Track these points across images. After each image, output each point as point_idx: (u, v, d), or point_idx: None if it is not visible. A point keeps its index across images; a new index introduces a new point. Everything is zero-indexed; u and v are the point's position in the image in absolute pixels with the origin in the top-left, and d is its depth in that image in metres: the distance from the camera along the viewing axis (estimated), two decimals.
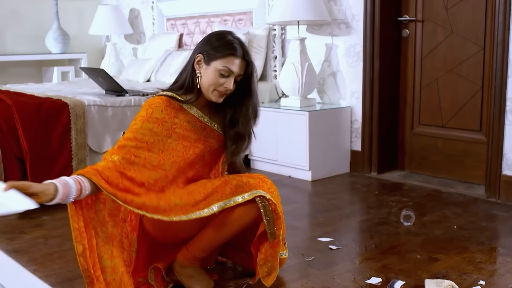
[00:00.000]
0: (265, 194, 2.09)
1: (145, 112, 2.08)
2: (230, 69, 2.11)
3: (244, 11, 5.12)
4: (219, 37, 2.15)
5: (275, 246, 2.17)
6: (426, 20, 4.08)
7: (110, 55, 6.28)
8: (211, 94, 2.15)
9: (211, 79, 2.12)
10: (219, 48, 2.11)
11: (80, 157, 3.62)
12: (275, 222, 2.14)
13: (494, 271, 2.46)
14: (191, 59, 2.19)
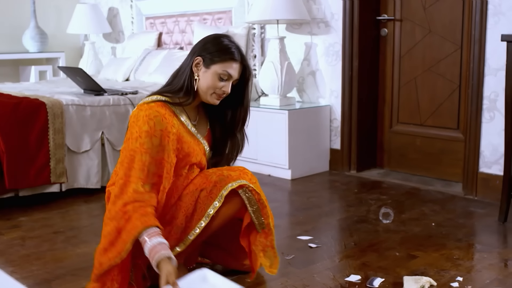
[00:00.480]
0: (248, 183, 2.13)
1: (148, 126, 2.04)
2: (230, 73, 2.14)
3: (223, 10, 5.11)
4: (219, 40, 2.17)
5: (269, 235, 2.21)
6: (405, 19, 4.11)
7: (89, 54, 6.22)
8: (209, 97, 2.17)
9: (210, 82, 2.14)
10: (219, 52, 2.14)
11: (58, 157, 3.58)
12: (261, 212, 2.17)
13: (471, 267, 2.48)
14: (188, 62, 2.19)
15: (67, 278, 2.43)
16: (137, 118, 2.07)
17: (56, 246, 2.84)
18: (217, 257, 2.49)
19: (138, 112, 2.08)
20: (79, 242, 2.88)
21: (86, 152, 3.77)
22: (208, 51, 2.15)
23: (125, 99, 3.98)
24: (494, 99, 3.47)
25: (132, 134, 2.06)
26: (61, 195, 3.68)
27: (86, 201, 3.63)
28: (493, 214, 3.20)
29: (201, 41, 2.22)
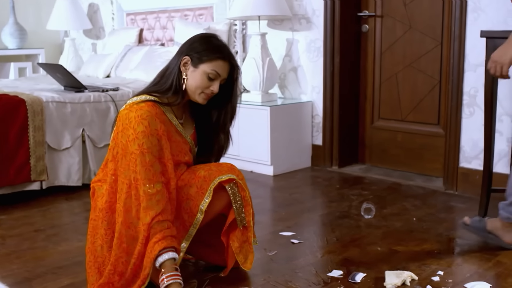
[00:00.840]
0: (236, 178, 2.15)
1: (143, 127, 2.02)
2: (218, 72, 2.15)
3: (204, 6, 5.09)
4: (207, 40, 2.18)
5: (247, 232, 2.23)
6: (385, 15, 4.13)
7: (69, 50, 6.17)
8: (197, 96, 2.18)
9: (199, 82, 2.15)
10: (207, 51, 2.14)
11: (38, 155, 3.55)
12: (244, 208, 2.18)
13: (452, 261, 2.51)
14: (176, 61, 2.19)
15: (48, 277, 2.41)
16: (129, 120, 2.05)
17: (37, 244, 2.82)
18: (200, 253, 2.48)
19: (128, 114, 2.06)
20: (60, 240, 2.85)
21: (67, 150, 3.75)
22: (196, 50, 2.15)
23: (106, 95, 3.95)
24: (474, 95, 3.50)
25: (128, 137, 2.04)
26: (41, 193, 3.64)
27: (67, 199, 3.61)
28: (474, 208, 3.23)
29: (188, 40, 2.22)
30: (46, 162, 3.61)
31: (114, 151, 2.13)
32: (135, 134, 2.02)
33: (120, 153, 2.08)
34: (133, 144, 2.02)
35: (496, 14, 3.35)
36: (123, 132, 2.06)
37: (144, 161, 2.02)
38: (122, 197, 2.05)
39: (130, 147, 2.03)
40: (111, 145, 2.16)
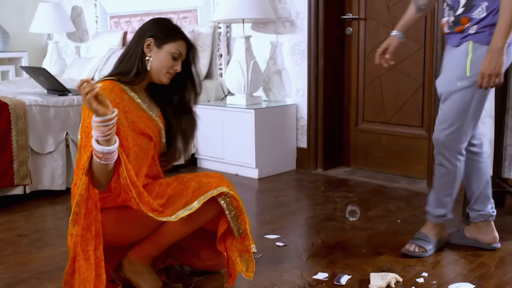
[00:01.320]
0: (228, 190, 2.13)
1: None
2: (181, 52, 2.21)
3: (189, 9, 5.09)
4: (167, 22, 2.25)
5: (245, 240, 2.19)
6: (369, 18, 4.16)
7: (52, 53, 6.13)
8: (162, 76, 2.20)
9: (164, 62, 2.18)
10: (171, 32, 2.20)
11: (21, 159, 3.52)
12: (238, 218, 2.16)
13: (436, 263, 2.52)
14: (137, 43, 2.20)
15: (32, 282, 2.39)
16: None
17: (20, 249, 2.79)
18: (182, 258, 2.48)
19: None
20: (44, 245, 2.83)
21: (51, 154, 3.72)
22: (160, 31, 2.20)
23: None
24: None
25: (84, 114, 2.02)
26: (25, 198, 3.61)
27: (50, 203, 3.58)
28: (457, 210, 3.25)
29: (148, 23, 2.26)
30: (29, 166, 3.58)
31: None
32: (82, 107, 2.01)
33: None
34: (87, 118, 1.96)
35: None
36: (82, 112, 2.04)
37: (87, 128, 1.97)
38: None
39: (85, 123, 2.00)
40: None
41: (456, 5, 2.45)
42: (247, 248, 2.21)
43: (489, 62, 2.33)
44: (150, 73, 2.20)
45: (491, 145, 3.40)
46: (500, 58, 2.32)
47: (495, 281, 2.32)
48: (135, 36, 2.23)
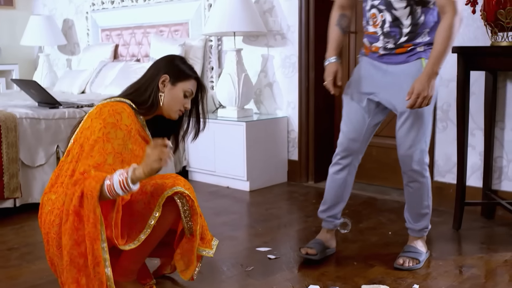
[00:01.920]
0: (183, 189, 2.15)
1: (114, 119, 2.05)
2: (193, 91, 2.30)
3: (180, 22, 5.10)
4: (183, 60, 2.32)
5: (192, 241, 2.24)
6: (359, 31, 4.18)
7: (43, 66, 6.13)
8: (173, 113, 2.27)
9: (178, 99, 2.26)
10: (185, 71, 2.28)
11: (11, 172, 3.51)
12: (192, 218, 2.20)
13: (427, 275, 2.53)
14: (154, 77, 2.24)
15: None
16: (100, 113, 2.06)
17: (10, 263, 2.77)
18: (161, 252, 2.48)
19: (101, 108, 2.09)
20: (34, 259, 2.81)
21: (41, 166, 3.71)
22: (176, 69, 2.26)
23: (80, 112, 3.93)
24: (446, 110, 3.56)
25: (94, 128, 2.03)
26: (15, 211, 3.59)
27: None
28: (448, 222, 3.27)
29: (166, 59, 2.31)
30: (19, 179, 3.56)
31: (74, 151, 2.09)
32: (103, 124, 2.03)
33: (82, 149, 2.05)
34: (98, 132, 2.01)
35: (466, 30, 3.41)
36: (91, 125, 2.06)
37: (102, 148, 2.00)
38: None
39: (92, 136, 2.02)
40: (70, 147, 2.13)
41: (398, 35, 2.52)
42: (192, 249, 2.25)
43: (427, 84, 2.39)
44: (161, 108, 2.25)
45: (481, 157, 3.42)
46: (434, 82, 2.41)
47: None
48: (151, 69, 2.29)
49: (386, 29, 2.53)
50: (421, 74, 2.41)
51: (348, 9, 2.73)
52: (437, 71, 2.40)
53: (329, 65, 2.68)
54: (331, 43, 2.71)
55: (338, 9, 2.73)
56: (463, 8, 3.34)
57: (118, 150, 2.04)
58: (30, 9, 6.76)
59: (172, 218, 2.19)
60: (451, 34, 2.39)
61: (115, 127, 2.04)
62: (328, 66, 2.68)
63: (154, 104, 2.23)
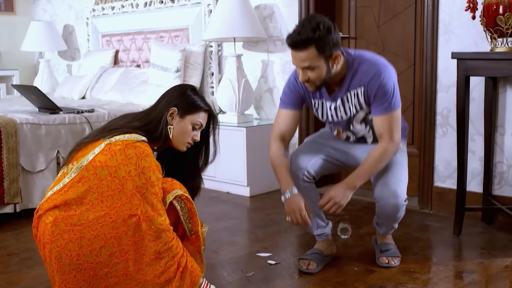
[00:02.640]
0: (182, 192, 2.19)
1: (147, 162, 2.06)
2: (202, 123, 2.31)
3: (180, 28, 5.11)
4: (194, 92, 2.32)
5: (196, 242, 2.27)
6: (359, 37, 4.19)
7: (44, 72, 6.14)
8: (181, 145, 2.29)
9: (186, 132, 2.28)
10: (195, 103, 2.28)
11: (12, 177, 3.51)
12: (191, 220, 2.23)
13: (428, 280, 2.53)
14: (164, 111, 2.26)
15: None
16: (127, 157, 2.05)
17: (10, 268, 2.77)
18: None
19: (123, 149, 2.07)
20: (34, 264, 2.81)
21: (41, 172, 3.71)
22: (184, 102, 2.28)
23: (81, 117, 3.93)
24: (446, 115, 3.56)
25: (129, 172, 2.04)
26: (15, 216, 3.59)
27: None
28: (448, 227, 3.27)
29: (177, 90, 2.32)
30: (20, 184, 3.56)
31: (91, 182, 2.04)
32: (140, 169, 2.04)
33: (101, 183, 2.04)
34: (139, 179, 2.03)
35: (466, 36, 3.42)
36: (119, 167, 2.04)
37: (154, 193, 2.06)
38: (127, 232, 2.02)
39: (132, 183, 2.03)
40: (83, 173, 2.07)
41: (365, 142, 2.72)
42: (198, 249, 2.29)
43: (343, 192, 2.49)
44: (171, 141, 2.28)
45: (481, 162, 3.42)
46: (350, 195, 2.50)
47: None
48: (162, 101, 2.31)
49: (352, 140, 2.74)
50: (341, 183, 2.51)
51: (287, 142, 2.71)
52: (356, 186, 2.50)
53: (294, 197, 2.51)
54: (285, 174, 2.58)
55: (279, 141, 2.68)
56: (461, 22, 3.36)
57: (161, 189, 2.11)
58: (30, 15, 6.78)
59: (171, 221, 2.19)
60: (382, 159, 2.52)
61: (151, 170, 2.06)
62: (292, 200, 2.51)
63: (166, 139, 2.27)
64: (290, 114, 2.67)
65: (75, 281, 1.98)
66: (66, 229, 1.99)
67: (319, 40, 2.35)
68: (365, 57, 2.54)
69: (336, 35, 2.40)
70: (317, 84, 2.47)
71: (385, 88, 2.48)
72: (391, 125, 2.52)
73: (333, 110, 2.62)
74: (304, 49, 2.38)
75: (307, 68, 2.41)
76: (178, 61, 4.62)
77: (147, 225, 2.01)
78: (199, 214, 2.41)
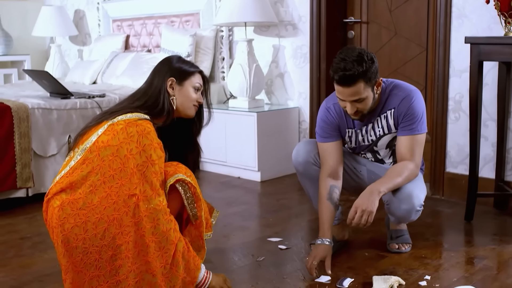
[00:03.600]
0: (184, 177, 2.17)
1: (148, 140, 2.06)
2: (200, 84, 2.34)
3: (191, 12, 5.09)
4: (182, 59, 2.35)
5: (199, 226, 2.26)
6: (371, 21, 4.16)
7: (55, 57, 6.15)
8: (189, 110, 2.31)
9: (189, 96, 2.30)
10: (188, 68, 2.32)
11: (24, 162, 3.53)
12: (195, 204, 2.22)
13: (439, 266, 2.52)
14: (160, 83, 2.25)
15: (34, 285, 2.39)
16: (128, 135, 2.06)
17: (23, 252, 2.80)
18: None
19: (125, 127, 2.07)
20: (46, 248, 2.84)
21: (53, 156, 3.73)
22: (178, 69, 2.29)
23: (92, 102, 3.94)
24: (459, 100, 3.53)
25: (131, 150, 2.04)
26: (27, 200, 3.62)
27: None
28: (460, 213, 3.26)
29: (165, 63, 2.33)
30: (32, 169, 3.58)
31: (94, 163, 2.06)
32: (141, 147, 2.04)
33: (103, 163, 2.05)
34: (140, 157, 2.04)
35: (480, 20, 3.38)
36: (121, 146, 2.05)
37: (154, 171, 2.05)
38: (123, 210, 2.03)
39: (135, 160, 2.03)
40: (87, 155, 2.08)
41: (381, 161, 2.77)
42: (200, 234, 2.28)
43: (367, 199, 2.40)
44: (177, 111, 2.28)
45: (493, 148, 3.40)
46: (376, 199, 2.41)
47: (498, 284, 2.32)
48: (154, 77, 2.29)
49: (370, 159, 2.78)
50: (363, 192, 2.45)
51: (338, 176, 2.63)
52: (380, 190, 2.42)
53: (321, 246, 2.45)
54: (325, 223, 2.52)
55: (326, 178, 2.59)
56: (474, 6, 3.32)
57: (162, 167, 2.11)
58: (41, 0, 6.77)
59: (176, 205, 2.21)
60: (403, 173, 2.49)
61: (152, 148, 2.06)
62: (319, 248, 2.44)
63: (170, 111, 2.26)
64: (333, 146, 2.64)
65: (82, 264, 2.01)
66: (72, 213, 2.01)
67: (366, 72, 2.36)
68: (397, 82, 2.60)
69: (377, 65, 2.43)
70: (365, 112, 2.51)
71: (414, 110, 2.52)
72: (414, 147, 2.52)
73: (365, 135, 2.65)
74: (353, 84, 2.37)
75: (356, 101, 2.42)
76: (189, 46, 4.61)
77: (144, 205, 2.02)
78: (210, 199, 2.43)
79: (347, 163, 2.75)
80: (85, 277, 2.02)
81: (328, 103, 2.69)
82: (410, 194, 2.52)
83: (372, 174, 2.75)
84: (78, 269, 2.02)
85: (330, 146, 2.63)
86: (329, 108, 2.67)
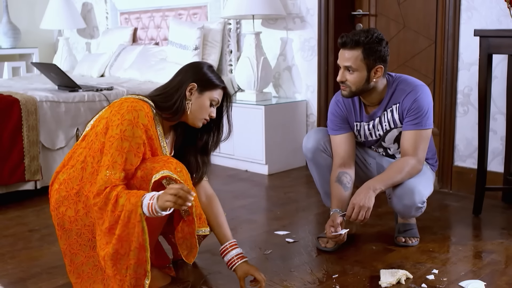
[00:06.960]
0: (171, 174, 2.07)
1: (132, 116, 2.03)
2: (219, 100, 2.29)
3: (199, 5, 5.09)
4: (212, 69, 2.30)
5: (191, 224, 2.17)
6: (379, 14, 4.14)
7: (63, 50, 6.16)
8: (198, 121, 2.26)
9: (204, 108, 2.25)
10: (213, 80, 2.26)
11: (32, 154, 3.54)
12: None
13: (446, 260, 2.51)
14: (182, 84, 2.22)
15: (43, 277, 2.40)
16: (120, 107, 2.05)
17: (31, 244, 2.81)
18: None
19: (122, 102, 2.09)
20: (54, 240, 2.84)
21: (61, 149, 3.74)
22: (203, 78, 2.24)
23: (100, 95, 3.95)
24: (467, 94, 3.52)
25: (113, 122, 2.03)
26: (36, 193, 3.64)
27: None
28: (468, 207, 3.24)
29: (194, 67, 2.29)
30: (40, 161, 3.60)
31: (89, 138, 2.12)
32: (121, 120, 2.02)
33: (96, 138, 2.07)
34: (115, 129, 2.01)
35: (489, 13, 3.36)
36: (109, 117, 2.06)
37: (120, 146, 2.00)
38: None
39: (110, 132, 2.03)
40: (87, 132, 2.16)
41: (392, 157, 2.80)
42: (192, 232, 2.19)
43: (363, 196, 2.46)
44: (186, 115, 2.24)
45: (502, 142, 3.38)
46: (373, 196, 2.47)
47: (506, 279, 2.31)
48: (179, 76, 2.27)
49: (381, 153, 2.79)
50: (359, 189, 2.50)
51: (350, 167, 2.68)
52: (376, 188, 2.49)
53: (333, 215, 2.58)
54: (333, 199, 2.64)
55: (337, 168, 2.67)
56: None
57: (135, 148, 2.03)
58: None
59: None
60: (403, 169, 2.52)
61: (131, 124, 2.02)
62: (332, 217, 2.58)
63: (178, 111, 2.20)
64: (343, 138, 2.70)
65: (77, 246, 2.07)
66: (65, 196, 2.07)
67: (367, 44, 2.46)
68: (404, 77, 2.62)
69: (385, 50, 2.49)
70: (352, 89, 2.54)
71: (419, 104, 2.53)
72: (418, 142, 2.54)
73: (372, 129, 2.68)
74: (351, 48, 2.48)
75: (348, 68, 2.49)
76: (196, 38, 4.61)
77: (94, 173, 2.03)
78: (218, 192, 2.43)
79: (357, 154, 2.79)
80: (82, 258, 2.08)
81: (337, 96, 2.75)
82: (412, 190, 2.53)
83: (380, 168, 2.76)
84: (75, 251, 2.08)
85: (340, 138, 2.70)
86: (338, 101, 2.73)
